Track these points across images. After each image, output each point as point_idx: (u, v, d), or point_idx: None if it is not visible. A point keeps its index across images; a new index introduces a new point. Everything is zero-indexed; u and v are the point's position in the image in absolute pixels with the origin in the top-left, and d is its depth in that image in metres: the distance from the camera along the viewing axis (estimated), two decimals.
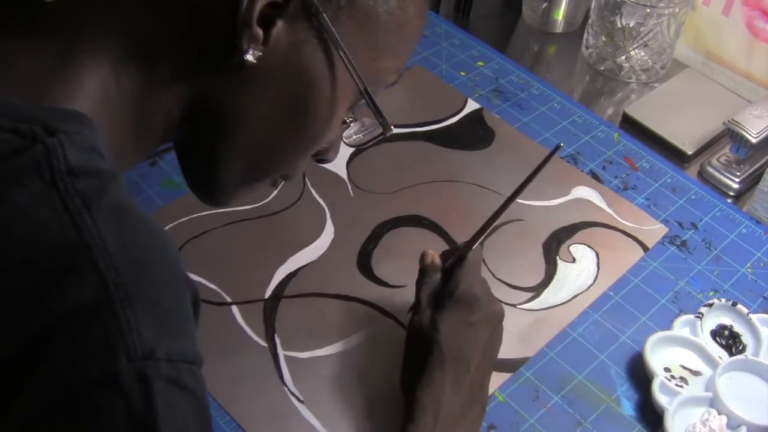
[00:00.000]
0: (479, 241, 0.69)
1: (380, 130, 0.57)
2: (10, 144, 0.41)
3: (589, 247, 0.85)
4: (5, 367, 0.38)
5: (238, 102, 0.51)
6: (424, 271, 0.70)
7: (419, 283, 0.70)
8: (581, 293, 0.81)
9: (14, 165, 0.41)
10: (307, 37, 0.49)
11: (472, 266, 0.68)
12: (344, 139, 0.63)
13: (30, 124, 0.42)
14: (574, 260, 0.84)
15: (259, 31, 0.47)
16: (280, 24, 0.48)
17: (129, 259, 0.40)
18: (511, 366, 0.74)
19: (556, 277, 0.82)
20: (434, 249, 0.82)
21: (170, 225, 0.82)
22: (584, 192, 0.90)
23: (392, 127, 0.56)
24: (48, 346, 0.38)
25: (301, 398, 0.71)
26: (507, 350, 0.72)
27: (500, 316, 0.68)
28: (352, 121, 0.60)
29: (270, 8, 0.47)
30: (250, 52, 0.48)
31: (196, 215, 0.83)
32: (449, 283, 0.67)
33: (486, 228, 0.69)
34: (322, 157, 0.61)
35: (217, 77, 0.50)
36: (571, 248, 0.85)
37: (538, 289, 0.81)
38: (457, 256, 0.69)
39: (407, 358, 0.68)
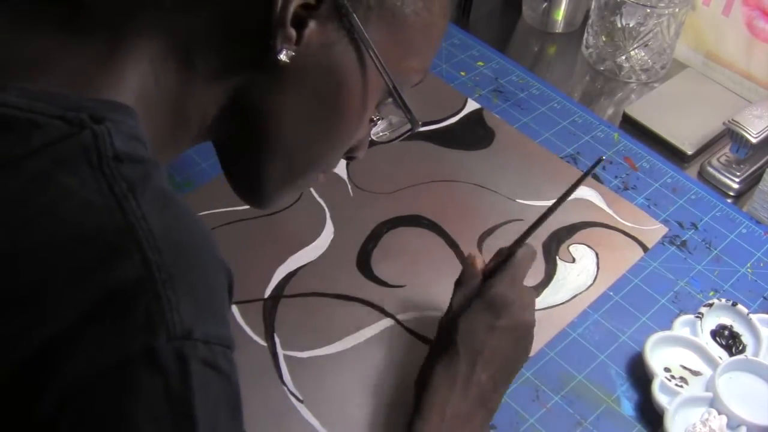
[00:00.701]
0: (526, 239, 0.68)
1: (406, 127, 0.59)
2: (58, 130, 0.42)
3: (588, 247, 0.85)
4: (48, 345, 0.38)
5: (272, 101, 0.52)
6: (462, 273, 0.70)
7: (456, 284, 0.70)
8: (581, 293, 0.81)
9: (62, 150, 0.42)
10: (338, 38, 0.50)
11: (515, 268, 0.67)
12: (373, 136, 0.64)
13: (78, 112, 0.43)
14: (573, 260, 0.84)
15: (293, 32, 0.48)
16: (312, 25, 0.49)
17: (172, 242, 0.41)
18: None
19: (555, 277, 0.82)
20: (433, 249, 0.82)
21: None
22: (584, 192, 0.90)
23: (420, 123, 0.58)
24: (91, 324, 0.38)
25: (301, 398, 0.71)
26: None
27: (529, 326, 0.67)
28: (379, 119, 0.62)
29: (303, 9, 0.48)
30: (284, 52, 0.49)
31: None
32: (486, 283, 0.67)
33: (537, 225, 0.68)
34: (352, 154, 0.62)
35: (252, 77, 0.51)
36: (571, 248, 0.85)
37: (537, 289, 0.80)
38: (504, 254, 0.68)
39: (429, 356, 0.68)
